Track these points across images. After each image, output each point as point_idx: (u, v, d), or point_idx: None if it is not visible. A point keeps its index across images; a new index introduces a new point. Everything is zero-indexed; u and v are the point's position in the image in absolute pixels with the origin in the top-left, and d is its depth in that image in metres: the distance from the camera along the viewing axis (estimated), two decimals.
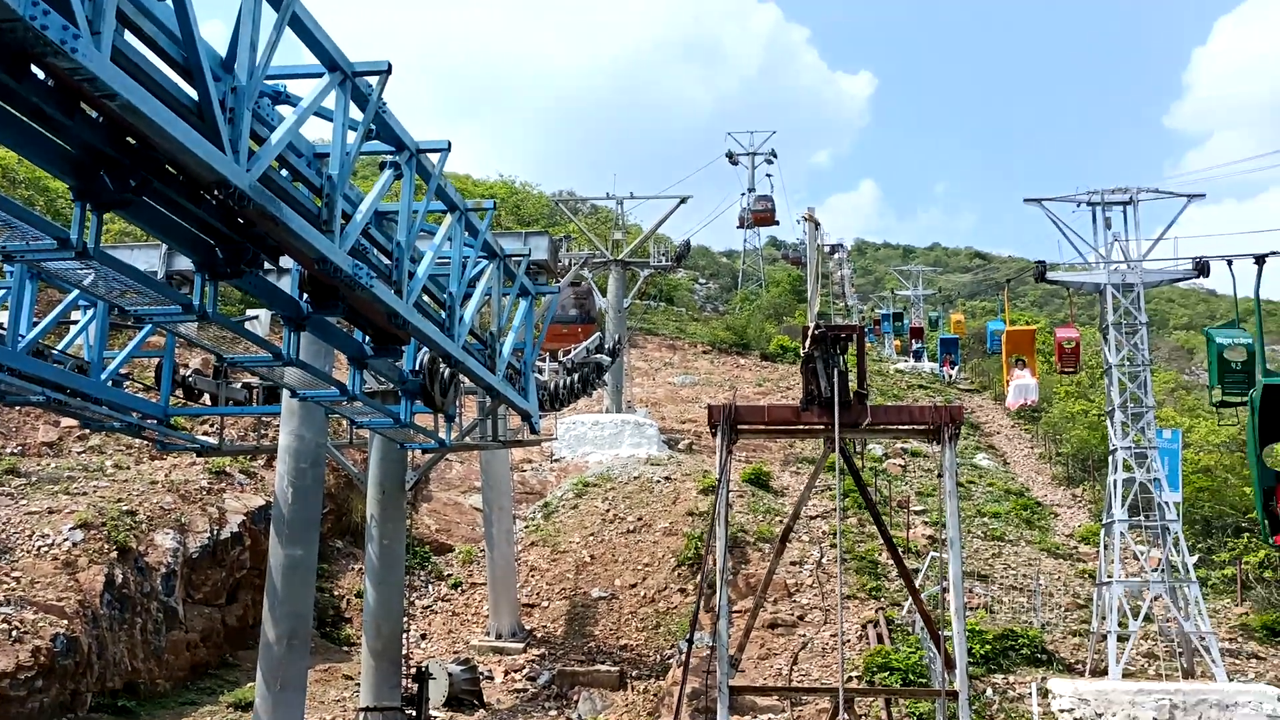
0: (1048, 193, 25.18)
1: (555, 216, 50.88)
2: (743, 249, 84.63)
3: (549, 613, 26.90)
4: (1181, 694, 20.11)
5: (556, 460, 34.70)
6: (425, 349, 11.72)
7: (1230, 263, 23.17)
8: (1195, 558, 27.85)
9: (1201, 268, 23.87)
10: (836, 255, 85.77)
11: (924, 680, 21.04)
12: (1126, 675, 21.32)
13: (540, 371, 23.15)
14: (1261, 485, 16.92)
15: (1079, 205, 24.82)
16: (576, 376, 24.80)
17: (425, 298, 10.66)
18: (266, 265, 8.06)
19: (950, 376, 62.86)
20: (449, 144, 9.77)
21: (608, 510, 29.90)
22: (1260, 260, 12.43)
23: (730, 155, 68.43)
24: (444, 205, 10.65)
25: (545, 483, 33.27)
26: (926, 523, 30.77)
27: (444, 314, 10.89)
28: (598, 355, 26.52)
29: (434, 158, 9.67)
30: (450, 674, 22.21)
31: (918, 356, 67.72)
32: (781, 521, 25.73)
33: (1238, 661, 24.24)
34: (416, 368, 12.33)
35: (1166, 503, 23.34)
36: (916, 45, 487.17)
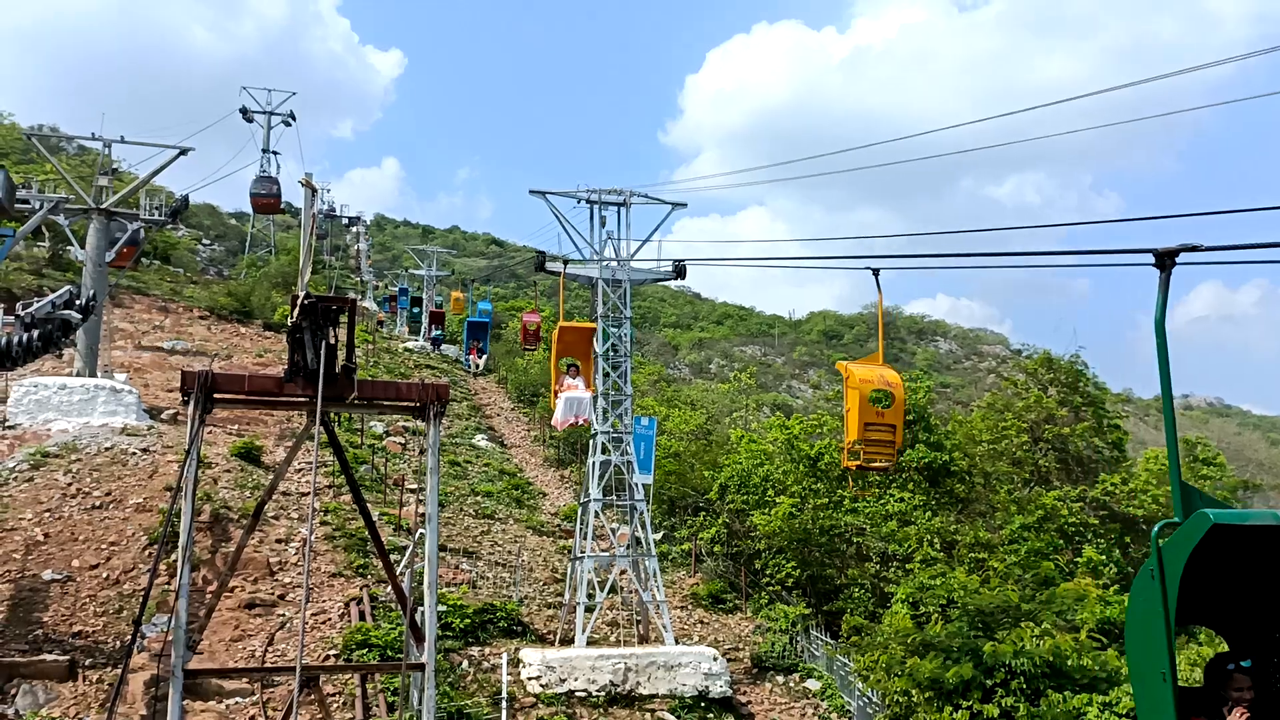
0: (556, 188, 26.46)
1: (31, 153, 44.87)
2: (253, 213, 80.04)
3: None
4: (635, 657, 21.97)
5: (11, 428, 30.46)
6: None
7: (682, 270, 26.24)
8: (659, 534, 30.71)
9: (679, 270, 26.32)
10: (355, 229, 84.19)
11: (403, 655, 21.11)
12: (591, 643, 22.90)
13: None
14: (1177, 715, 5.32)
15: (579, 202, 26.36)
16: (37, 333, 21.73)
17: None
18: None
19: (477, 366, 60.86)
20: None
21: (71, 484, 26.82)
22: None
23: (245, 111, 64.31)
24: None
25: None
26: (421, 500, 30.99)
27: None
28: (66, 311, 23.46)
29: None
30: None
31: (437, 343, 66.01)
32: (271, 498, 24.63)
33: (687, 627, 27.00)
34: None
35: (637, 484, 25.42)
36: (449, 32, 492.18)
